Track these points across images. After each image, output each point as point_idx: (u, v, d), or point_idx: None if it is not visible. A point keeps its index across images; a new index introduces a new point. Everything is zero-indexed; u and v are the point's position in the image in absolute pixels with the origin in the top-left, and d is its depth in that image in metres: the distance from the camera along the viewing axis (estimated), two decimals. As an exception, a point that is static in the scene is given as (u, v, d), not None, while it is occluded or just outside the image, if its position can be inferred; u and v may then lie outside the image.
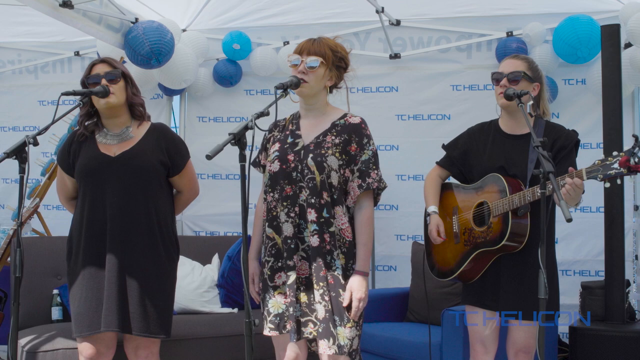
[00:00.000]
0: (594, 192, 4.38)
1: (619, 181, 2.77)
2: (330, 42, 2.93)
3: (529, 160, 3.12)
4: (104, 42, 4.71)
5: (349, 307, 2.80)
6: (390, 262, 5.43)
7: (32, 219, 4.60)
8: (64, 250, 3.82)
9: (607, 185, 2.79)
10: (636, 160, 2.67)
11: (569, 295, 4.76)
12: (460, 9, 5.28)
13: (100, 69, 3.12)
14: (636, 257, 5.02)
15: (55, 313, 3.98)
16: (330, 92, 3.00)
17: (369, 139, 2.93)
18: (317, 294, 2.81)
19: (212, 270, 4.48)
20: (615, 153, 2.74)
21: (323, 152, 2.85)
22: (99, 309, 3.02)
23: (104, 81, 3.07)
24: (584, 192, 2.92)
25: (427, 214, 3.31)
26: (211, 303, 4.32)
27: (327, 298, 2.79)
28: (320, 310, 2.79)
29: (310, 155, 2.85)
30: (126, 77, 3.18)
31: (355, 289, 2.81)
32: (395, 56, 5.41)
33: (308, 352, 2.98)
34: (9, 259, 4.21)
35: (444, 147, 3.41)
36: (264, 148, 3.01)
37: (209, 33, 5.58)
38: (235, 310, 4.34)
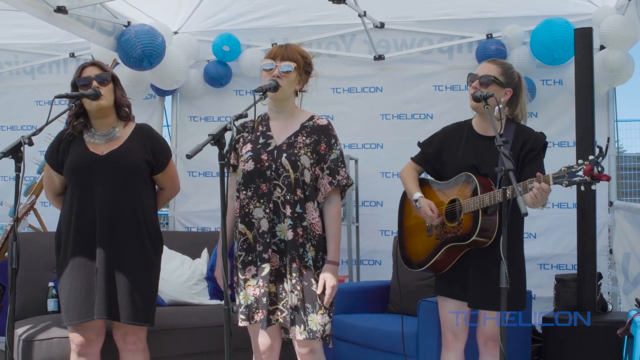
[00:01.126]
0: (572, 189, 4.55)
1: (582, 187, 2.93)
2: (299, 49, 3.12)
3: (499, 161, 3.29)
4: (98, 45, 4.87)
5: (320, 295, 2.99)
6: (375, 257, 5.57)
7: (29, 215, 4.77)
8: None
9: (582, 188, 2.95)
10: (599, 169, 2.81)
11: (547, 288, 4.93)
12: (442, 11, 5.43)
13: (91, 71, 3.28)
14: (610, 251, 5.19)
15: (51, 304, 4.12)
16: (296, 95, 3.18)
17: (336, 139, 3.12)
18: (289, 284, 2.98)
19: (202, 264, 4.61)
20: (580, 161, 2.86)
21: (296, 151, 3.03)
22: (88, 298, 3.19)
23: (94, 83, 3.23)
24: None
25: (414, 200, 3.40)
26: (200, 295, 4.46)
27: (299, 288, 2.97)
28: (293, 299, 2.97)
29: (284, 154, 3.03)
30: (114, 80, 3.35)
31: (328, 277, 3.00)
32: (379, 57, 5.54)
33: (283, 340, 3.17)
34: (6, 253, 4.35)
35: (419, 144, 3.57)
36: (233, 148, 3.14)
37: (200, 35, 5.70)
38: (223, 302, 4.48)
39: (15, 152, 2.91)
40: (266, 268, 2.99)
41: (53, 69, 6.18)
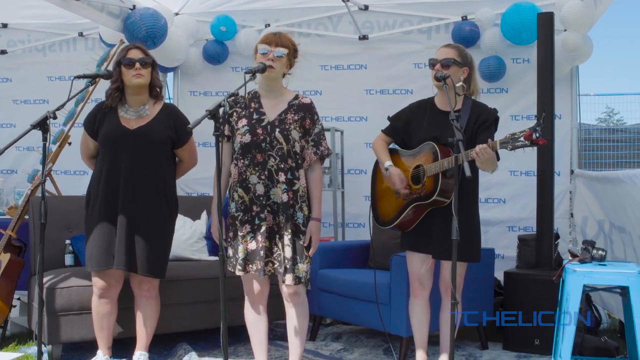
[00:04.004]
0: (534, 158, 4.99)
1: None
2: (289, 38, 3.59)
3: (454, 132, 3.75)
4: (106, 27, 5.30)
5: (307, 247, 3.53)
6: (359, 220, 6.03)
7: (45, 181, 5.24)
8: (74, 206, 4.54)
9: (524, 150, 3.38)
10: (537, 135, 3.26)
11: (513, 249, 5.25)
12: (422, -5, 5.82)
13: (135, 54, 3.78)
14: (571, 214, 5.68)
15: (68, 259, 4.61)
16: (283, 77, 3.64)
17: (318, 116, 3.65)
18: (285, 239, 3.49)
19: (201, 224, 5.05)
20: (521, 130, 3.32)
21: (287, 127, 3.54)
22: (108, 249, 3.73)
23: (137, 65, 3.73)
24: (498, 158, 3.58)
25: (385, 169, 3.88)
26: (200, 252, 4.92)
27: (291, 243, 3.49)
28: (288, 252, 3.49)
29: (277, 129, 3.53)
30: (153, 64, 3.85)
31: (314, 232, 3.55)
32: (363, 37, 5.95)
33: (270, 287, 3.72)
34: (26, 215, 4.82)
35: (389, 118, 4.05)
36: (226, 121, 3.62)
37: (199, 16, 6.06)
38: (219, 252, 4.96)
39: (42, 125, 3.39)
40: (263, 226, 3.51)
41: (63, 47, 6.55)
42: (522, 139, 3.30)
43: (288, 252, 3.49)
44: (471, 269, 3.97)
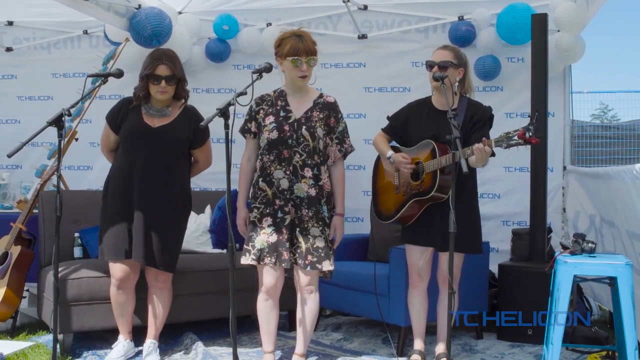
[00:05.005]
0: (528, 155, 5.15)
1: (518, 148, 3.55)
2: (309, 36, 3.72)
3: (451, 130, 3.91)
4: (112, 26, 5.43)
5: (331, 240, 3.75)
6: (357, 214, 6.16)
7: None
8: (83, 201, 4.70)
9: (518, 149, 3.55)
10: (530, 134, 3.41)
11: (508, 242, 5.40)
12: (419, -5, 5.94)
13: (162, 70, 3.88)
14: (564, 209, 5.84)
15: (77, 252, 4.75)
16: None
17: (341, 114, 3.84)
18: (313, 231, 3.68)
19: (205, 218, 5.18)
20: (515, 129, 3.47)
21: (313, 124, 3.71)
22: (125, 240, 3.90)
23: (163, 83, 3.85)
24: (494, 155, 3.73)
25: (387, 157, 4.03)
26: (204, 245, 5.05)
27: (314, 234, 3.68)
28: (320, 241, 3.68)
29: (304, 127, 3.70)
30: (179, 80, 3.96)
31: (339, 226, 3.78)
32: (363, 37, 6.07)
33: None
34: (35, 210, 4.95)
35: (388, 118, 4.21)
36: (253, 118, 3.78)
37: (202, 15, 6.16)
38: (224, 251, 5.04)
39: (58, 122, 3.54)
40: (287, 219, 3.68)
41: (68, 44, 6.64)
42: (515, 137, 3.45)
43: (320, 242, 3.69)
44: (467, 262, 4.15)
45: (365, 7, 6.04)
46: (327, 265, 3.71)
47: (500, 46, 5.74)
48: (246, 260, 3.74)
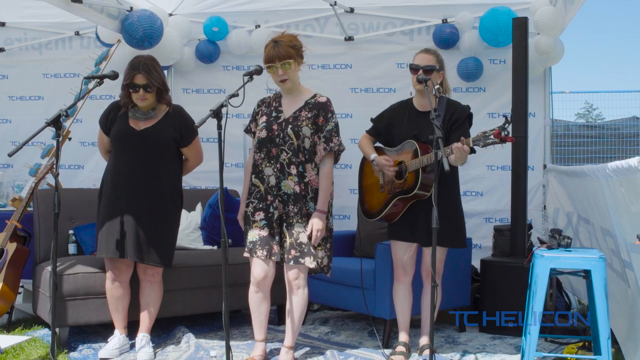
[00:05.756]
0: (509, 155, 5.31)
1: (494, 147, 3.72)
2: (287, 40, 3.84)
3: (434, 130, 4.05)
4: (105, 28, 5.54)
5: (309, 236, 3.84)
6: (344, 212, 6.31)
7: (47, 176, 5.49)
8: (76, 199, 4.82)
9: (494, 147, 3.70)
10: (505, 133, 3.57)
11: (490, 239, 5.58)
12: (405, -1, 6.10)
13: (139, 80, 4.03)
14: (544, 206, 6.02)
15: (71, 248, 4.86)
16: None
17: (332, 114, 3.94)
18: (297, 227, 3.82)
19: (196, 216, 5.32)
20: (491, 128, 3.64)
21: (299, 123, 3.86)
22: (118, 238, 4.04)
23: (141, 91, 3.99)
24: (474, 152, 3.89)
25: (371, 160, 4.19)
26: (195, 241, 5.19)
27: (298, 230, 3.82)
28: (303, 237, 3.83)
29: (290, 126, 3.85)
30: (159, 86, 4.09)
31: (316, 222, 3.85)
32: (349, 39, 6.22)
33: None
34: (29, 208, 5.05)
35: (372, 120, 4.36)
36: (254, 119, 3.97)
37: (192, 17, 6.29)
38: (215, 247, 5.21)
39: (56, 122, 3.66)
40: (276, 214, 3.85)
41: (59, 45, 6.73)
42: (492, 136, 3.62)
43: (303, 237, 3.83)
44: (451, 257, 4.31)
45: (352, 10, 6.18)
46: (309, 262, 3.83)
47: (482, 48, 5.91)
48: (245, 253, 3.92)
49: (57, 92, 6.63)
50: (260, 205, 3.89)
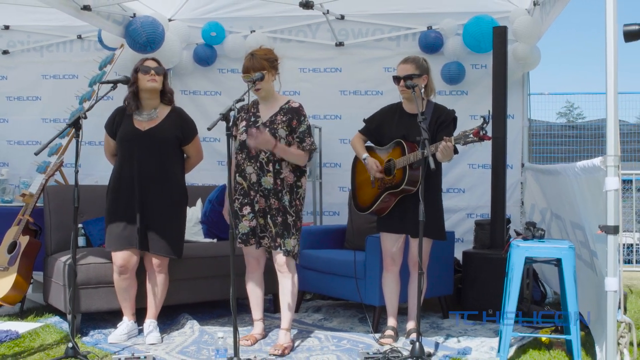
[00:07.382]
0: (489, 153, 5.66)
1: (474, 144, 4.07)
2: (261, 53, 4.22)
3: (421, 132, 4.39)
4: (110, 33, 5.85)
5: (292, 226, 4.20)
6: (334, 209, 6.66)
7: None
8: (85, 195, 5.06)
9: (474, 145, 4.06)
10: (483, 132, 3.93)
11: (472, 233, 5.93)
12: (392, 7, 6.46)
13: (150, 63, 4.41)
14: (522, 202, 6.40)
15: (81, 241, 5.15)
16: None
17: (305, 117, 4.30)
18: (273, 219, 4.20)
19: (197, 210, 5.61)
20: (471, 128, 3.98)
21: (275, 126, 4.22)
22: (125, 232, 4.37)
23: (152, 72, 4.34)
24: (457, 152, 4.25)
25: (363, 159, 4.52)
26: (197, 235, 5.49)
27: (279, 220, 4.19)
28: (277, 229, 4.19)
29: (267, 129, 4.19)
30: (165, 73, 4.46)
31: (262, 131, 4.14)
32: (339, 44, 6.57)
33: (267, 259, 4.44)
34: (38, 203, 5.32)
35: (364, 120, 4.71)
36: (234, 124, 4.32)
37: (191, 22, 6.60)
38: (215, 240, 5.52)
39: (76, 123, 3.97)
40: (257, 207, 4.22)
41: (60, 48, 6.98)
42: (471, 135, 3.97)
43: (278, 229, 4.19)
44: (435, 250, 4.65)
45: (343, 17, 6.53)
46: (289, 246, 4.21)
47: (465, 54, 6.26)
48: (238, 244, 4.31)
49: (54, 93, 6.88)
50: (246, 201, 4.29)
